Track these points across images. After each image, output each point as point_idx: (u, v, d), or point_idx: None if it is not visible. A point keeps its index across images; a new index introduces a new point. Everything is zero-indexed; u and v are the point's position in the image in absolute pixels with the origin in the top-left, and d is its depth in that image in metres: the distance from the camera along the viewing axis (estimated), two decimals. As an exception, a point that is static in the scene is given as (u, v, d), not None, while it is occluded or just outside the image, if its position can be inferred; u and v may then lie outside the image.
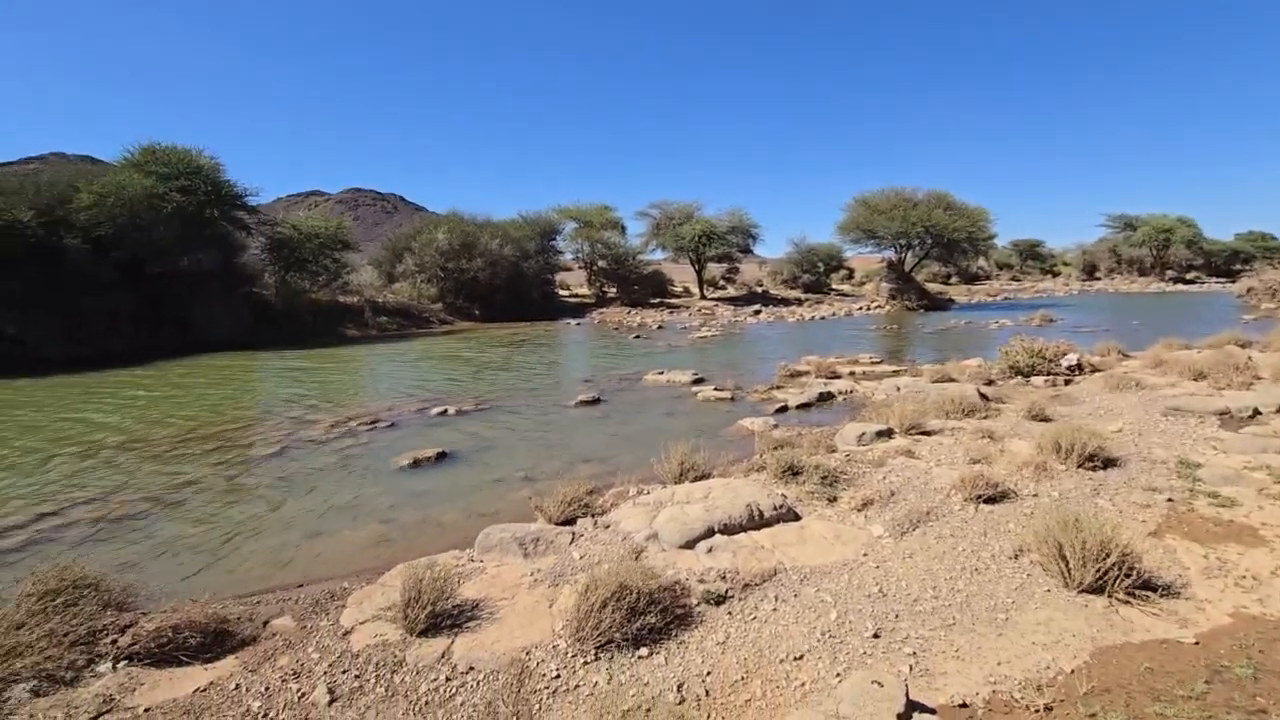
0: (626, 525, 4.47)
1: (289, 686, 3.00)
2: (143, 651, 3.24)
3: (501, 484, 6.38)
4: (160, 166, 18.36)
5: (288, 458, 7.33)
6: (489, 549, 4.28)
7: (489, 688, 2.89)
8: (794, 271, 47.18)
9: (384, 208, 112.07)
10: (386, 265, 30.74)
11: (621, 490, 5.42)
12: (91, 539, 5.07)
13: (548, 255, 36.44)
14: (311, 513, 5.64)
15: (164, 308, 18.00)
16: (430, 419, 9.22)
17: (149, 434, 8.40)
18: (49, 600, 3.46)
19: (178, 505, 5.82)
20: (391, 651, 3.20)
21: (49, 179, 17.93)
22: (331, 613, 3.69)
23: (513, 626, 3.36)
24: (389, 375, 14.20)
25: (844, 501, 5.02)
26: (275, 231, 22.97)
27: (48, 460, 7.24)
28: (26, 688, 3.02)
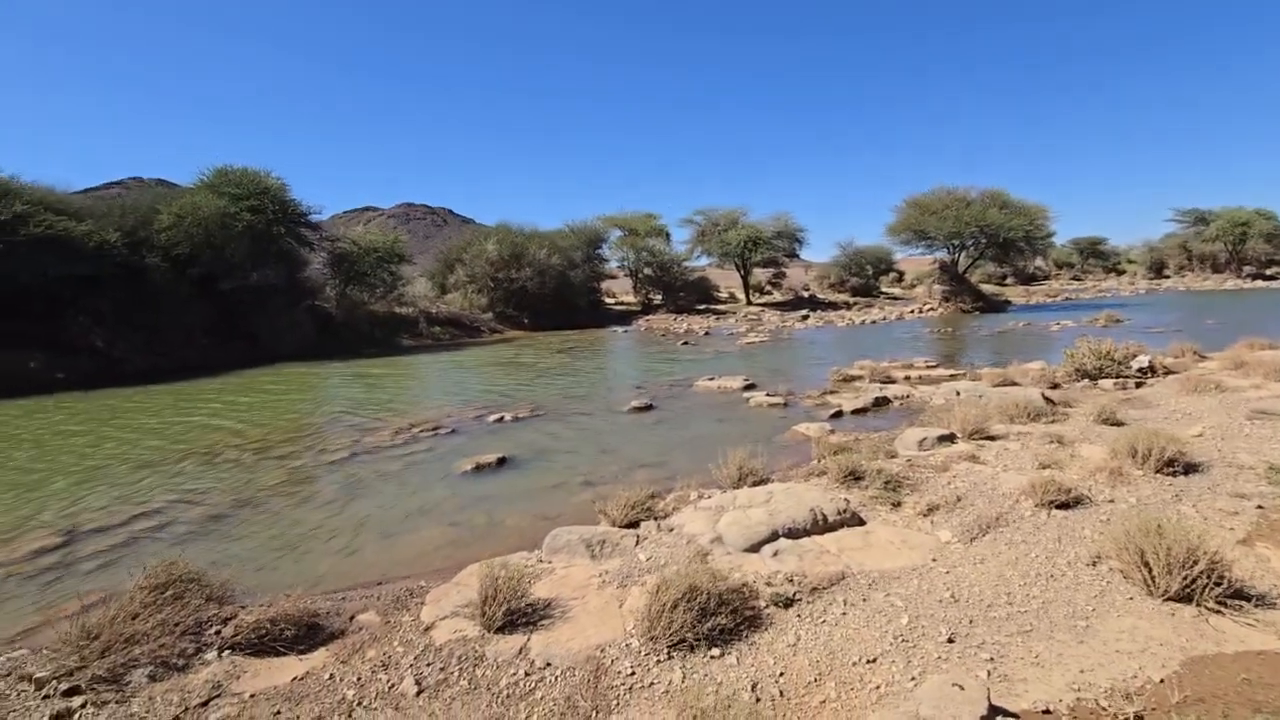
0: (690, 529, 4.53)
1: (378, 677, 3.17)
2: (244, 642, 3.47)
3: (561, 488, 6.52)
4: (231, 187, 19.44)
5: (356, 463, 7.66)
6: (557, 550, 4.41)
7: (567, 683, 3.00)
8: (842, 275, 46.46)
9: (434, 221, 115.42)
10: (439, 276, 31.66)
11: (682, 494, 5.49)
12: (186, 538, 5.41)
13: (594, 264, 36.88)
14: (383, 515, 5.89)
15: (235, 321, 18.99)
16: (488, 425, 9.48)
17: (228, 440, 8.90)
18: (159, 593, 3.74)
19: (260, 506, 6.16)
20: (471, 646, 3.34)
21: (132, 202, 19.21)
22: (412, 609, 3.87)
23: (585, 625, 3.46)
24: (445, 383, 14.63)
25: (908, 507, 4.96)
26: (336, 246, 23.96)
27: (139, 465, 7.75)
28: (145, 672, 3.28)
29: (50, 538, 5.37)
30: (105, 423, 10.55)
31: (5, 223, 14.60)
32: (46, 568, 4.85)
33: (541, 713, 2.80)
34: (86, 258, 15.91)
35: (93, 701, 3.07)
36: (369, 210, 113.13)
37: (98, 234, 16.29)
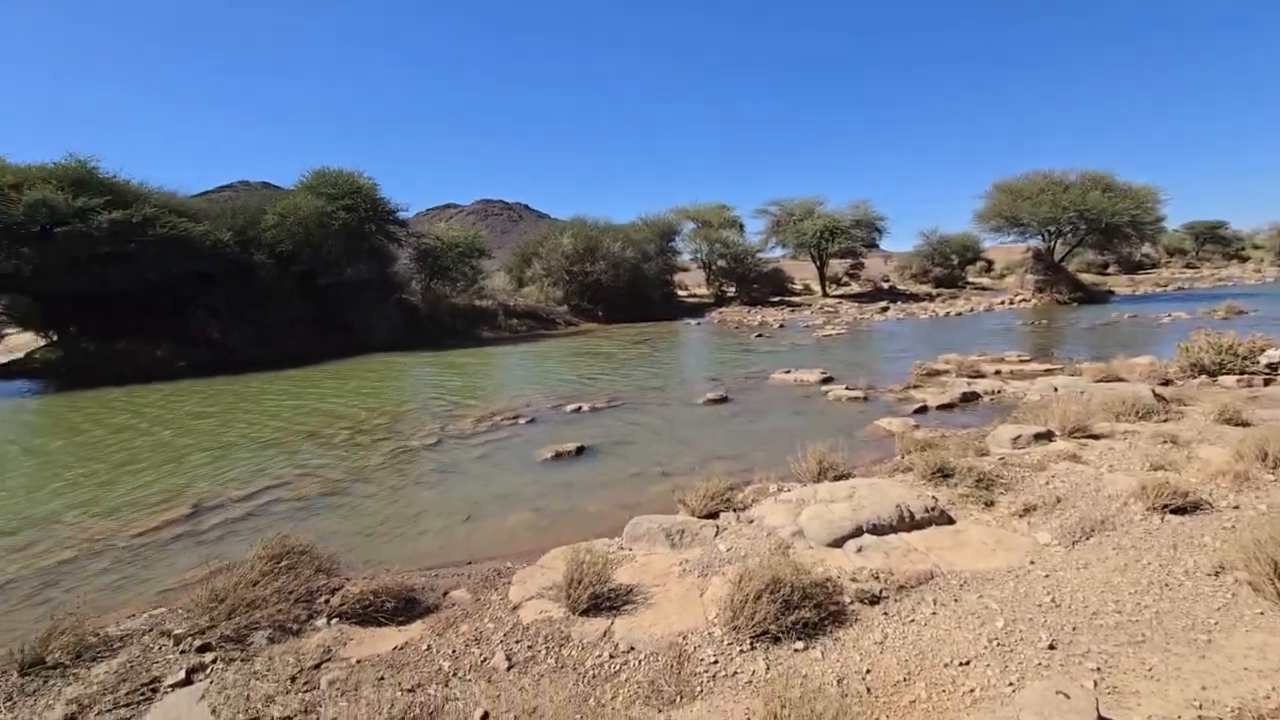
0: (770, 521, 4.50)
1: (471, 651, 3.33)
2: (349, 611, 3.72)
3: (639, 477, 6.61)
4: (329, 188, 20.69)
5: (444, 448, 8.03)
6: (637, 538, 4.48)
7: (650, 667, 3.05)
8: (924, 265, 44.40)
9: (511, 216, 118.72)
10: (516, 270, 32.58)
11: (761, 487, 5.45)
12: (294, 513, 5.85)
13: (667, 256, 36.92)
14: (470, 497, 6.16)
15: (331, 314, 20.25)
16: (566, 415, 9.70)
17: (329, 425, 9.53)
18: (275, 563, 4.07)
19: (358, 487, 6.57)
20: (557, 627, 3.46)
21: (241, 204, 20.82)
22: (500, 588, 4.03)
23: (667, 612, 3.51)
24: (524, 374, 15.07)
25: (1002, 506, 4.73)
26: (421, 242, 25.07)
27: (256, 445, 8.42)
28: (264, 634, 3.59)
29: (183, 509, 5.94)
30: (228, 408, 11.51)
31: (136, 225, 16.14)
32: (179, 536, 5.37)
33: (626, 695, 2.87)
34: (204, 256, 17.39)
35: (221, 658, 3.39)
36: (450, 207, 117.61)
37: (213, 234, 17.76)
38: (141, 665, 3.35)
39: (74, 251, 15.29)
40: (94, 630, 3.61)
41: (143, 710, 3.01)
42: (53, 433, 10.22)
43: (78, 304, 17.04)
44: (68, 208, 15.24)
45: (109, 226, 15.59)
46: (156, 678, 3.24)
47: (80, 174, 16.54)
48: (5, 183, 15.18)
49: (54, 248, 15.17)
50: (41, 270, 15.17)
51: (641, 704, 2.78)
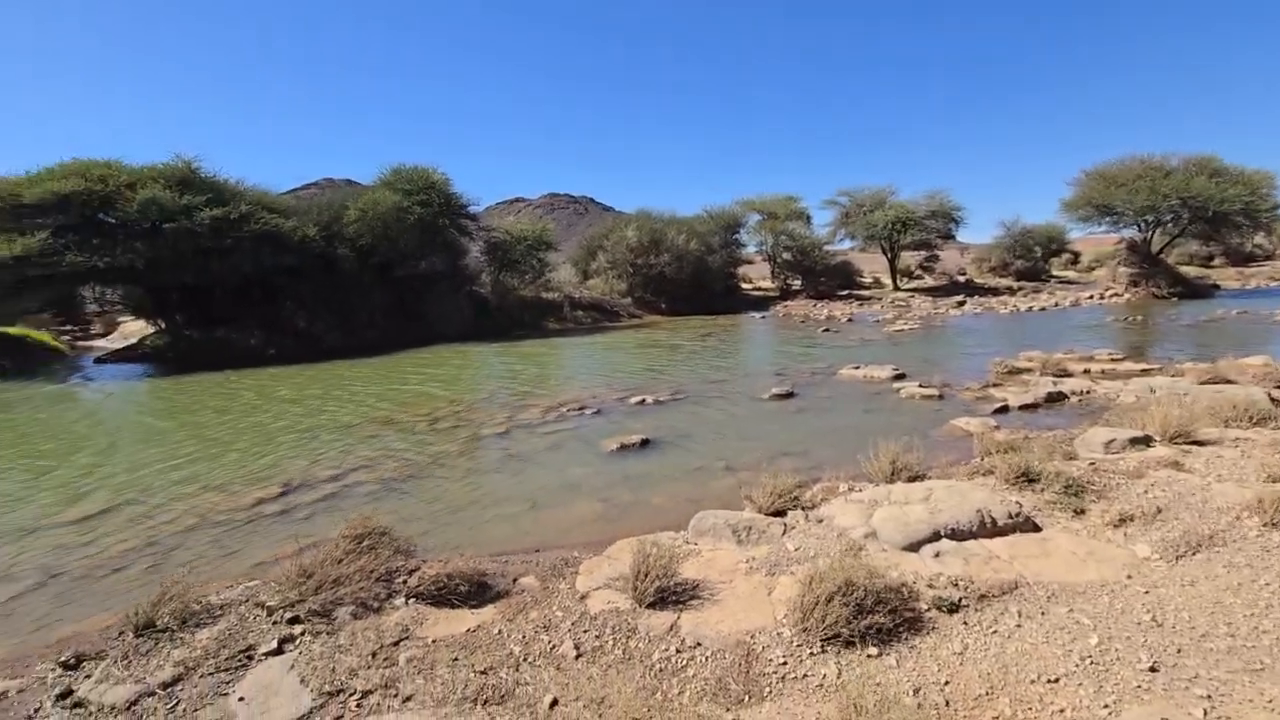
0: (841, 521, 4.39)
1: (541, 638, 3.40)
2: (425, 592, 3.87)
3: (703, 472, 6.58)
4: (405, 184, 21.52)
5: (511, 438, 8.22)
6: (703, 533, 4.46)
7: (718, 664, 3.03)
8: (1004, 257, 42.08)
9: (577, 210, 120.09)
10: (582, 263, 32.97)
11: (830, 486, 5.32)
12: (374, 496, 6.13)
13: (731, 249, 36.50)
14: (537, 486, 6.29)
15: (406, 305, 21.10)
16: (630, 407, 9.76)
17: (405, 411, 9.94)
18: (358, 543, 4.27)
19: (432, 472, 6.82)
20: (624, 619, 3.49)
21: (326, 201, 21.93)
22: (567, 577, 4.10)
23: (734, 610, 3.48)
24: (589, 365, 15.26)
25: (1094, 515, 4.44)
26: (491, 236, 25.72)
27: (338, 429, 8.87)
28: (348, 610, 3.78)
29: (275, 488, 6.33)
30: (313, 393, 12.19)
31: (234, 221, 17.29)
32: (271, 513, 5.73)
33: (694, 691, 2.86)
34: (293, 250, 18.44)
35: (309, 631, 3.59)
36: (518, 201, 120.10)
37: (301, 229, 18.82)
38: (238, 633, 3.59)
39: (180, 246, 16.52)
40: (197, 598, 3.90)
41: (240, 675, 3.23)
42: (161, 413, 11.11)
43: (182, 295, 18.42)
44: (175, 205, 16.47)
45: (210, 223, 16.76)
46: (252, 645, 3.46)
47: (185, 174, 17.83)
48: (121, 183, 16.53)
49: (163, 243, 16.44)
50: (152, 264, 16.47)
51: (709, 701, 2.77)
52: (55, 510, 5.98)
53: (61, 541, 5.24)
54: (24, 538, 5.34)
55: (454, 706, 2.85)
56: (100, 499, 6.23)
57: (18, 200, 15.68)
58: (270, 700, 3.00)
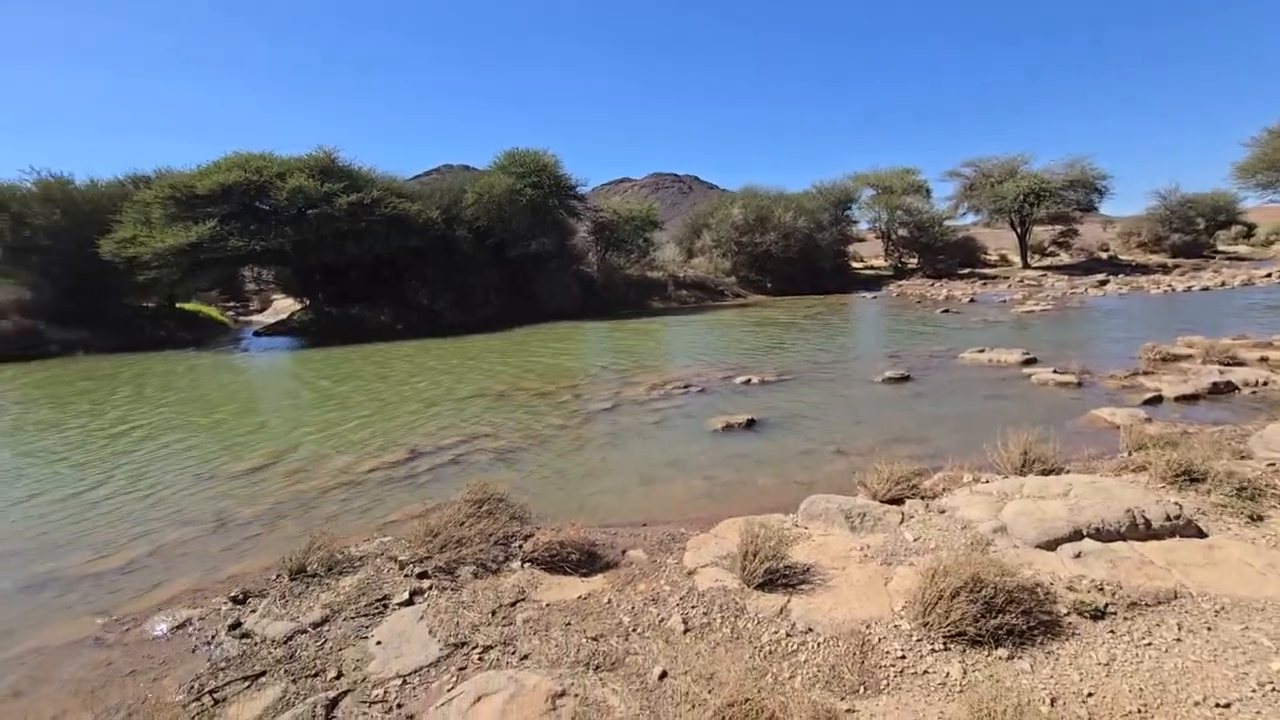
0: (966, 513, 4.11)
1: (649, 610, 3.45)
2: (539, 558, 4.04)
3: (812, 455, 6.39)
4: (517, 167, 22.33)
5: (618, 413, 8.37)
6: (814, 517, 4.33)
7: (830, 651, 2.95)
8: (1158, 231, 37.46)
9: (681, 188, 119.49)
10: (686, 242, 32.85)
11: (952, 475, 5.00)
12: (490, 464, 6.47)
13: (842, 226, 34.98)
14: (643, 462, 6.38)
15: (518, 283, 21.99)
16: (735, 387, 9.64)
17: (518, 385, 10.39)
18: (478, 507, 4.53)
19: (543, 444, 7.09)
20: (732, 598, 3.47)
21: (446, 185, 23.20)
22: (675, 553, 4.13)
23: (848, 597, 3.36)
24: (693, 344, 15.22)
25: (1275, 522, 3.87)
26: (598, 216, 26.18)
27: (459, 399, 9.43)
28: (469, 569, 4.02)
29: (402, 453, 6.84)
30: (435, 366, 13.04)
31: (367, 206, 18.73)
32: (399, 477, 6.19)
33: (805, 676, 2.80)
34: (417, 232, 19.72)
35: (436, 586, 3.86)
36: (624, 181, 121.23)
37: (425, 213, 20.07)
38: (374, 584, 3.92)
39: (321, 230, 18.13)
40: (340, 549, 4.30)
41: (377, 621, 3.53)
42: (307, 381, 12.30)
43: (323, 274, 20.23)
44: (317, 193, 18.06)
45: (347, 208, 18.26)
46: (386, 595, 3.77)
47: (325, 163, 19.47)
48: (273, 173, 18.30)
49: (307, 227, 18.11)
50: (298, 246, 18.19)
51: (822, 688, 2.70)
52: (224, 463, 6.80)
53: (229, 490, 5.95)
54: (200, 485, 6.11)
55: (567, 669, 2.96)
56: (259, 455, 7.01)
57: (192, 192, 17.79)
58: (403, 646, 3.25)
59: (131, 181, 20.50)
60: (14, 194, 18.27)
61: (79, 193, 19.45)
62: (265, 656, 3.27)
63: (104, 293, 18.83)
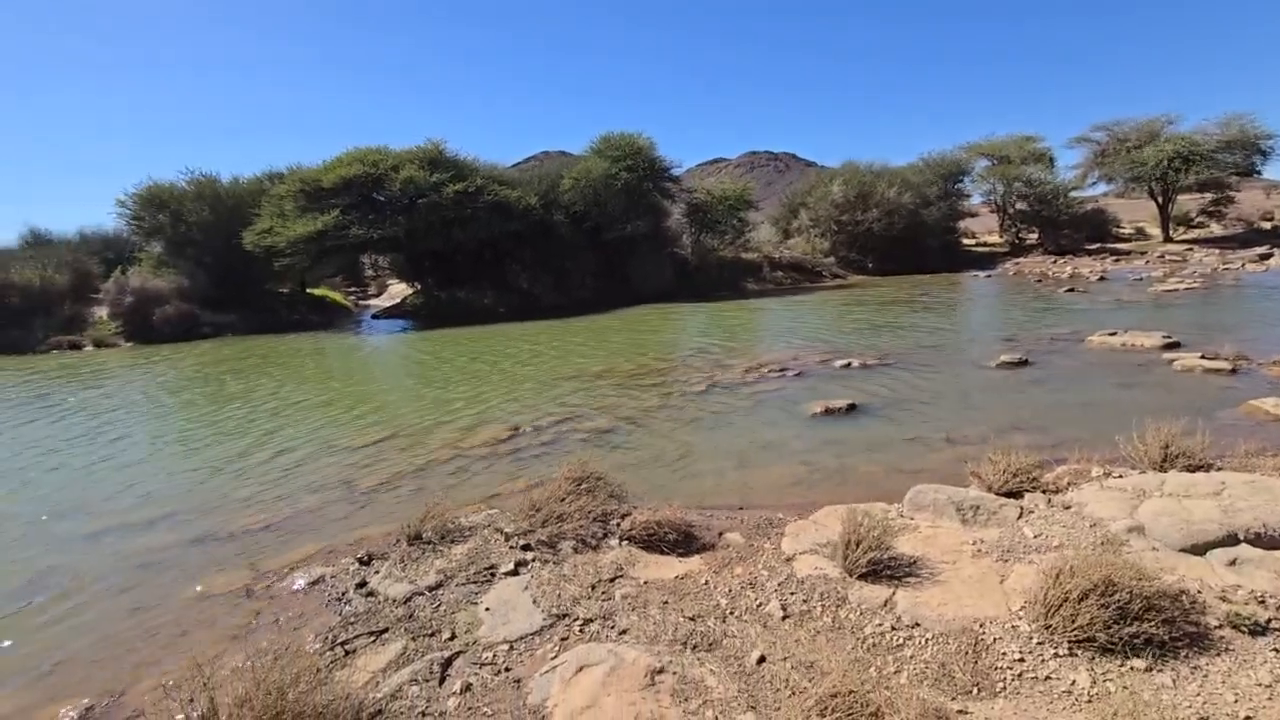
0: (1095, 510, 3.78)
1: (746, 594, 3.44)
2: (637, 536, 4.12)
3: (918, 443, 6.09)
4: (613, 151, 22.54)
5: (713, 396, 8.33)
6: (920, 508, 4.14)
7: (940, 648, 2.82)
8: (1344, 195, 32.28)
9: (777, 167, 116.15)
10: (782, 222, 31.97)
11: (1079, 468, 4.61)
12: (586, 444, 6.63)
13: (951, 200, 32.76)
14: (738, 446, 6.32)
15: (613, 266, 22.28)
16: (834, 370, 9.34)
17: (613, 366, 10.58)
18: (577, 484, 4.67)
19: (638, 425, 7.18)
20: (833, 587, 3.38)
21: (544, 171, 23.80)
22: (772, 538, 4.09)
23: (958, 593, 3.19)
24: (789, 326, 14.85)
25: None
26: (692, 197, 25.95)
27: (552, 380, 9.73)
28: (570, 544, 4.16)
29: (504, 430, 7.16)
30: (535, 346, 13.52)
31: (472, 193, 19.61)
32: (504, 452, 6.49)
33: (912, 672, 2.69)
34: (518, 217, 20.42)
35: (538, 558, 4.03)
36: (718, 161, 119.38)
37: (524, 199, 20.73)
38: (483, 553, 4.15)
39: (430, 217, 19.18)
40: (451, 519, 4.56)
41: (485, 589, 3.73)
42: (419, 361, 13.12)
43: (432, 260, 21.39)
44: (426, 183, 19.10)
45: (453, 196, 19.19)
46: (494, 565, 3.98)
47: (434, 154, 20.50)
48: (388, 166, 19.50)
49: (417, 215, 19.22)
50: (410, 233, 19.35)
51: (930, 686, 2.59)
52: (348, 436, 7.39)
53: (353, 460, 6.47)
54: (328, 456, 6.68)
55: (665, 646, 3.02)
56: (378, 429, 7.56)
57: (318, 185, 19.31)
58: (510, 614, 3.42)
59: (268, 178, 22.50)
60: (173, 193, 20.55)
61: (224, 190, 21.58)
62: (388, 615, 3.55)
63: (247, 280, 20.86)
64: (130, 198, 20.55)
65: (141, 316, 18.57)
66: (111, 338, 18.41)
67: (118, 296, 18.87)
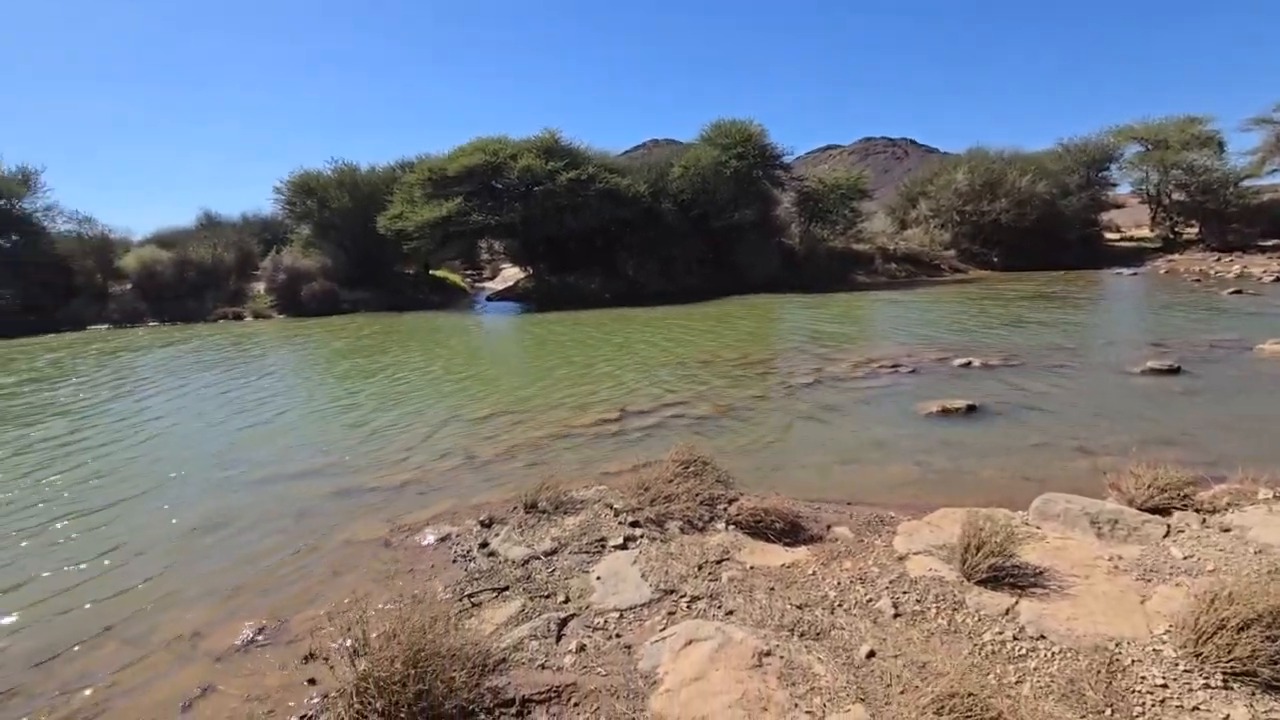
0: (1261, 535, 3.41)
1: (856, 589, 3.41)
2: (743, 522, 4.17)
3: (1046, 450, 5.70)
4: (723, 138, 22.33)
5: (820, 389, 8.16)
6: (1049, 517, 3.91)
7: (1068, 664, 2.68)
8: None
9: (894, 154, 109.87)
10: (899, 212, 30.38)
11: (1242, 489, 4.16)
12: (690, 429, 6.72)
13: (1094, 190, 29.75)
14: (847, 441, 6.19)
15: (719, 254, 22.17)
16: (952, 369, 8.86)
17: (718, 355, 10.59)
18: (684, 467, 4.77)
19: (745, 415, 7.18)
20: (949, 590, 3.28)
21: (653, 160, 23.99)
22: (883, 535, 4.01)
23: (1091, 609, 3.01)
24: (903, 321, 14.19)
25: None
26: (802, 186, 25.24)
27: (658, 365, 9.88)
28: (677, 524, 4.28)
29: (613, 412, 7.40)
30: (641, 332, 13.79)
31: (584, 181, 20.16)
32: (610, 433, 6.72)
33: (1036, 684, 2.58)
34: (626, 205, 20.78)
35: (646, 535, 4.18)
36: (830, 149, 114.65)
37: (634, 186, 21.03)
38: (594, 525, 4.35)
39: (545, 204, 19.94)
40: (564, 492, 4.81)
41: (596, 559, 3.93)
42: (532, 342, 13.75)
43: (545, 246, 22.22)
44: (542, 171, 19.85)
45: (567, 184, 19.81)
46: (604, 537, 4.17)
47: (549, 144, 21.25)
48: (507, 155, 20.43)
49: (533, 203, 20.04)
50: (525, 220, 20.23)
51: (1057, 700, 2.47)
52: (467, 408, 7.91)
53: (472, 431, 6.93)
54: (450, 426, 7.20)
55: (772, 630, 3.06)
56: (493, 404, 8.04)
57: (444, 174, 20.58)
58: (619, 584, 3.59)
59: (400, 166, 24.22)
60: (319, 180, 22.63)
61: (362, 178, 23.48)
62: (507, 574, 3.83)
63: (380, 261, 22.67)
64: (285, 184, 22.85)
65: (292, 292, 20.69)
66: (267, 310, 20.67)
67: (273, 274, 21.12)
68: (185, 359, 13.12)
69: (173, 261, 21.41)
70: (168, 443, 7.12)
